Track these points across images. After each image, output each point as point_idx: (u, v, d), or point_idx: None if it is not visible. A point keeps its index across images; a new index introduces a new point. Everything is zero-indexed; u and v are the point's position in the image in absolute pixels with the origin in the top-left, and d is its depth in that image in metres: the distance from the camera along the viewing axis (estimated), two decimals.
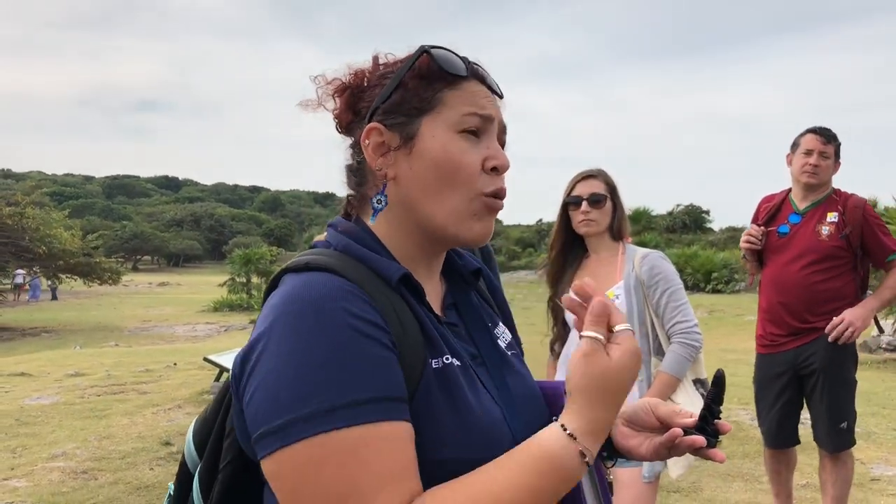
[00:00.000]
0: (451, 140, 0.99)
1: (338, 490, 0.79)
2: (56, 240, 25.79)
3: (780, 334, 3.71)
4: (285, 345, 0.84)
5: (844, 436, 3.57)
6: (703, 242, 37.58)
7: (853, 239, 3.53)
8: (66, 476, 5.06)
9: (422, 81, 1.00)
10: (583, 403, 0.88)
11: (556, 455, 0.85)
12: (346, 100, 1.04)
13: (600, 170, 2.96)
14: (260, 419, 0.83)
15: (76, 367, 10.35)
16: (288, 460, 0.80)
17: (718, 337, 13.63)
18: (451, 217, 1.00)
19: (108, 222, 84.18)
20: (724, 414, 4.11)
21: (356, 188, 1.06)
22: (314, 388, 0.81)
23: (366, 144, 1.00)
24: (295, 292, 0.88)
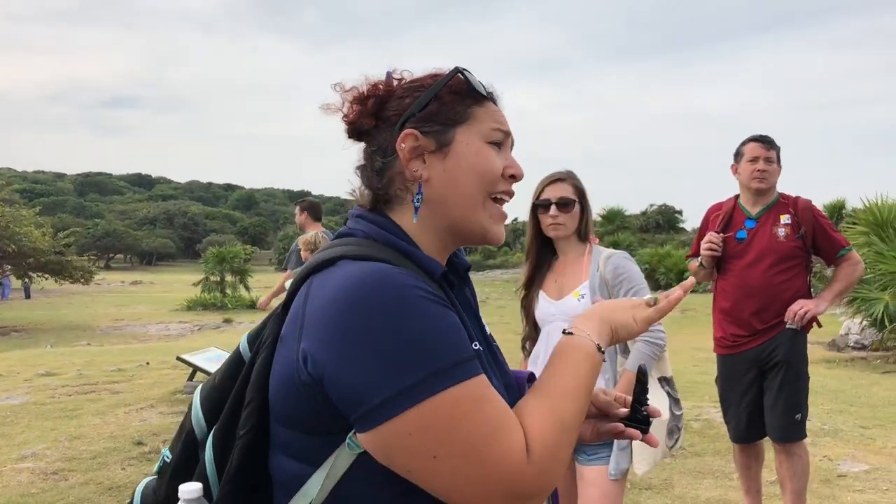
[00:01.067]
0: (482, 147, 1.15)
1: (482, 432, 0.94)
2: (26, 238, 25.38)
3: (743, 335, 3.84)
4: (379, 320, 0.94)
5: (797, 427, 3.71)
6: (676, 242, 37.86)
7: (807, 238, 3.74)
8: (36, 477, 5.01)
9: (456, 97, 1.15)
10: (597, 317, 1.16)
11: (591, 352, 1.10)
12: (372, 108, 1.16)
13: (569, 172, 2.99)
14: (371, 390, 0.93)
15: (47, 367, 10.23)
16: (429, 413, 0.92)
17: (690, 336, 13.74)
18: (482, 215, 1.16)
19: (79, 220, 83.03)
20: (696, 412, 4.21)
21: (383, 187, 1.16)
22: (428, 352, 0.94)
23: (402, 147, 1.12)
24: (369, 277, 0.99)
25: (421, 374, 0.93)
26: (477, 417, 0.94)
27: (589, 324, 1.14)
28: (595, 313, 1.17)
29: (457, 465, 0.94)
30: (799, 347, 3.74)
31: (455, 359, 0.96)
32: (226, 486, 1.07)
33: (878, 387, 8.41)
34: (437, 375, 0.93)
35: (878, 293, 10.22)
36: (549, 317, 2.96)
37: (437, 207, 1.15)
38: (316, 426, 1.01)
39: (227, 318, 22.64)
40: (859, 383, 8.57)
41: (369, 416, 0.94)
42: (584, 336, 1.11)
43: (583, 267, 2.93)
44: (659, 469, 5.12)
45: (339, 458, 1.00)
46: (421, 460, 0.95)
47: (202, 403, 1.17)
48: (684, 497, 4.63)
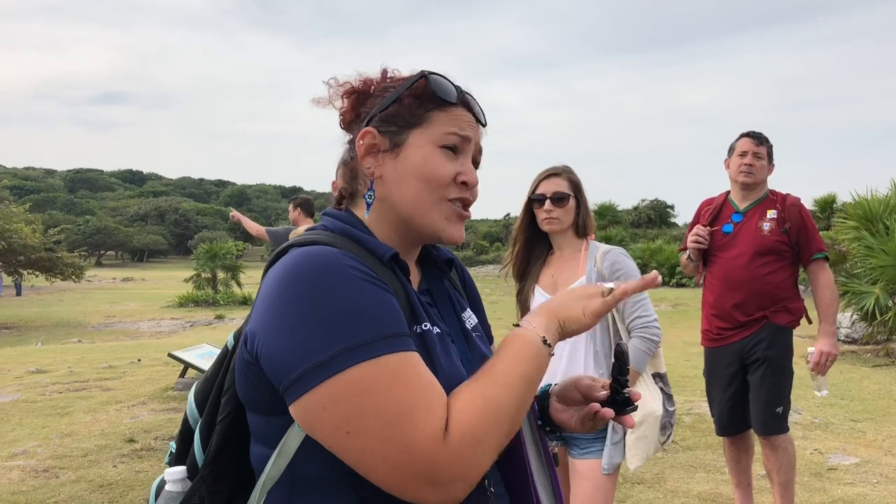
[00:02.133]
0: (432, 152, 1.16)
1: (393, 409, 0.94)
2: (17, 235, 25.27)
3: (727, 328, 3.88)
4: (304, 295, 0.98)
5: (778, 420, 3.75)
6: (668, 237, 37.97)
7: (792, 234, 3.77)
8: (27, 475, 4.98)
9: (416, 100, 1.17)
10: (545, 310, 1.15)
11: (534, 343, 1.08)
12: (352, 102, 1.22)
13: (565, 167, 2.99)
14: (292, 362, 0.96)
15: (38, 364, 10.19)
16: (344, 385, 0.93)
17: (682, 330, 13.79)
18: (424, 216, 1.17)
19: (70, 217, 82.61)
20: (687, 406, 4.21)
21: (348, 181, 1.23)
22: (348, 326, 0.96)
23: (359, 144, 1.17)
24: (304, 257, 1.02)
25: (338, 347, 0.94)
26: (390, 394, 0.94)
27: (537, 318, 1.13)
28: (545, 307, 1.16)
29: (369, 442, 0.94)
30: (782, 343, 3.77)
31: (376, 333, 0.97)
32: (204, 469, 1.13)
33: (869, 380, 8.45)
34: (353, 349, 0.95)
35: (869, 287, 10.26)
36: None
37: (389, 205, 1.18)
38: (268, 407, 1.05)
39: (219, 315, 22.58)
40: (850, 377, 8.61)
41: (291, 388, 0.97)
42: (531, 328, 1.11)
43: (579, 262, 2.93)
44: (651, 463, 5.13)
45: (290, 437, 1.04)
46: (336, 435, 0.96)
47: (195, 396, 1.23)
48: (676, 491, 4.64)
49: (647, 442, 2.78)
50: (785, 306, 3.77)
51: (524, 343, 1.08)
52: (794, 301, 3.81)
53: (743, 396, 3.86)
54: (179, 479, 1.15)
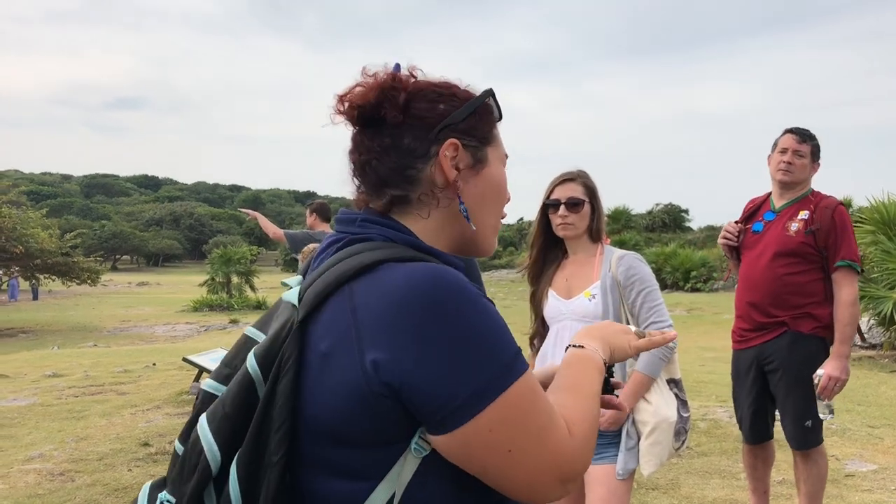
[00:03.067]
0: (502, 171, 1.22)
1: (543, 421, 1.00)
2: (33, 239, 25.48)
3: (748, 329, 3.79)
4: (452, 318, 0.97)
5: (809, 434, 3.62)
6: (682, 241, 37.80)
7: (819, 237, 3.57)
8: (43, 478, 5.02)
9: (488, 116, 1.19)
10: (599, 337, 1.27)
11: (601, 366, 1.21)
12: (404, 100, 1.12)
13: (580, 171, 2.98)
14: (453, 388, 0.95)
15: (54, 368, 10.27)
16: (505, 408, 0.97)
17: (697, 335, 13.74)
18: (491, 231, 1.23)
19: (86, 221, 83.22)
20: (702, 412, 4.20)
21: (402, 188, 1.14)
22: (497, 346, 0.98)
23: (444, 155, 1.12)
24: (432, 278, 1.00)
25: (494, 371, 0.97)
26: (537, 408, 1.00)
27: (595, 342, 1.24)
28: (598, 334, 1.27)
29: (527, 455, 0.99)
30: (804, 351, 3.61)
31: (514, 352, 1.00)
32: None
33: (886, 386, 8.37)
34: (506, 371, 0.98)
35: (886, 292, 10.17)
36: (558, 315, 2.96)
37: (456, 218, 1.17)
38: (378, 439, 0.99)
39: (234, 319, 22.68)
40: (867, 382, 8.53)
41: (452, 417, 0.96)
42: (595, 351, 1.21)
43: (594, 267, 2.92)
44: (665, 469, 5.10)
45: (406, 466, 0.99)
46: (498, 456, 0.98)
47: (215, 436, 1.04)
48: (691, 497, 4.61)
49: (662, 448, 2.77)
50: (808, 312, 3.60)
51: (595, 366, 1.20)
52: (821, 307, 3.60)
53: (763, 403, 3.77)
54: None
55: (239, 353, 1.13)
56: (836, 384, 3.51)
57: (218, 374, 1.15)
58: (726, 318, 16.65)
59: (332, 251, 1.13)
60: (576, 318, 2.87)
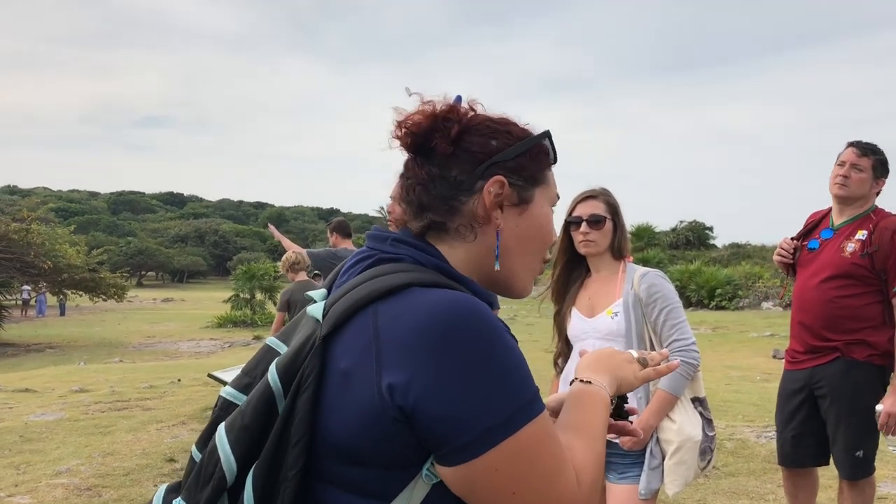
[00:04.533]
0: (549, 214, 1.21)
1: (552, 466, 0.99)
2: (61, 255, 25.84)
3: (800, 351, 3.63)
4: (474, 348, 0.96)
5: (860, 464, 3.47)
6: (707, 259, 37.49)
7: (877, 259, 3.39)
8: (70, 493, 5.06)
9: (540, 157, 1.18)
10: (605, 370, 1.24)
11: (607, 403, 1.18)
12: (455, 134, 1.13)
13: (602, 189, 2.98)
14: (468, 421, 0.94)
15: (80, 383, 10.37)
16: (514, 450, 0.95)
17: (722, 354, 13.59)
18: (527, 274, 1.20)
19: (113, 238, 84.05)
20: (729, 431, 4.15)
21: (442, 216, 1.14)
22: (517, 384, 0.97)
23: (489, 191, 1.12)
24: (458, 305, 0.99)
25: (508, 410, 0.96)
26: (549, 451, 0.99)
27: (601, 377, 1.21)
28: (604, 366, 1.25)
29: (531, 499, 0.98)
30: (857, 379, 3.43)
31: (531, 393, 0.99)
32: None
33: None
34: (520, 411, 0.96)
35: None
36: (581, 334, 2.94)
37: (490, 255, 1.16)
38: (391, 461, 0.99)
39: (257, 336, 22.77)
40: None
41: (459, 451, 0.95)
42: (602, 388, 1.19)
43: (616, 285, 2.90)
44: (693, 489, 5.05)
45: (416, 490, 1.00)
46: (501, 497, 0.97)
47: (233, 447, 1.05)
48: None
49: (687, 467, 2.74)
50: (863, 338, 3.41)
51: (602, 403, 1.17)
52: (877, 333, 3.40)
53: (808, 428, 3.60)
54: None
55: (259, 363, 1.13)
56: (892, 419, 3.32)
57: (238, 382, 1.15)
58: (752, 337, 16.50)
59: (360, 268, 1.13)
60: (599, 337, 2.86)
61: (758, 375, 10.64)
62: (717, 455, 2.88)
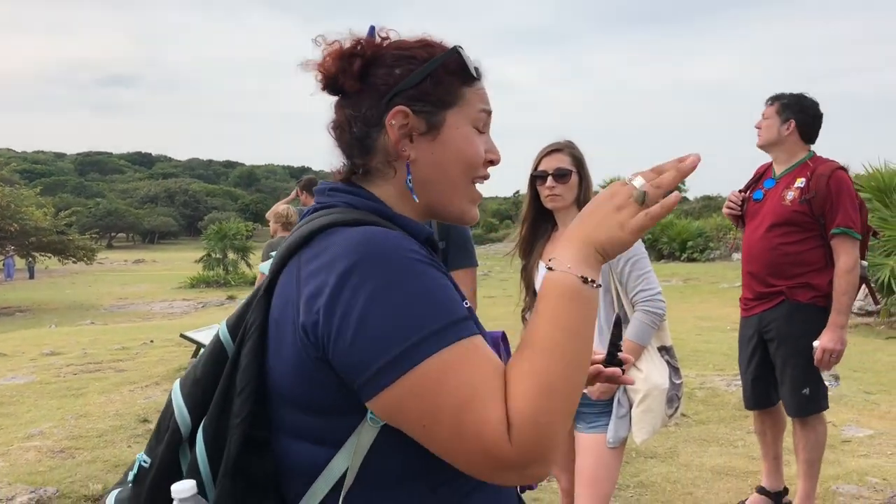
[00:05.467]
0: (470, 133, 1.12)
1: (461, 396, 0.90)
2: (28, 218, 25.43)
3: (750, 298, 3.80)
4: (380, 285, 0.93)
5: (806, 403, 3.61)
6: (679, 211, 37.78)
7: (815, 205, 3.50)
8: (43, 455, 5.03)
9: (450, 77, 1.11)
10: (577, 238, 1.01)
11: (574, 288, 0.97)
12: (358, 68, 1.09)
13: (567, 142, 2.95)
14: (367, 356, 0.91)
15: (51, 346, 10.26)
16: (419, 378, 0.90)
17: (693, 304, 13.75)
18: (460, 199, 1.14)
19: (81, 199, 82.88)
20: (699, 381, 4.20)
21: (362, 157, 1.13)
22: (422, 315, 0.92)
23: (391, 125, 1.08)
24: (364, 240, 0.97)
25: (414, 338, 0.91)
26: (464, 382, 0.91)
27: (569, 251, 0.99)
28: (575, 235, 1.01)
29: (443, 434, 0.92)
30: (802, 321, 3.57)
31: (448, 319, 0.94)
32: (224, 480, 1.01)
33: (882, 352, 8.42)
34: (427, 340, 0.91)
35: (883, 259, 10.18)
36: None
37: (419, 188, 1.12)
38: (331, 407, 0.99)
39: (231, 295, 22.68)
40: (863, 349, 8.57)
41: (369, 384, 0.93)
42: (565, 269, 0.98)
43: None
44: (664, 437, 5.13)
45: (363, 435, 0.99)
46: (416, 427, 0.94)
47: (185, 399, 1.09)
48: (689, 465, 4.64)
49: (654, 415, 2.76)
50: (806, 282, 3.55)
51: (563, 293, 0.97)
52: (819, 276, 3.54)
53: (765, 371, 3.77)
54: (191, 497, 1.01)
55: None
56: (830, 356, 3.47)
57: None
58: (723, 288, 16.70)
59: (304, 222, 1.14)
60: None
61: (728, 325, 10.78)
62: (685, 403, 2.92)
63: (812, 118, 3.71)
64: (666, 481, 4.37)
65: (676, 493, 4.19)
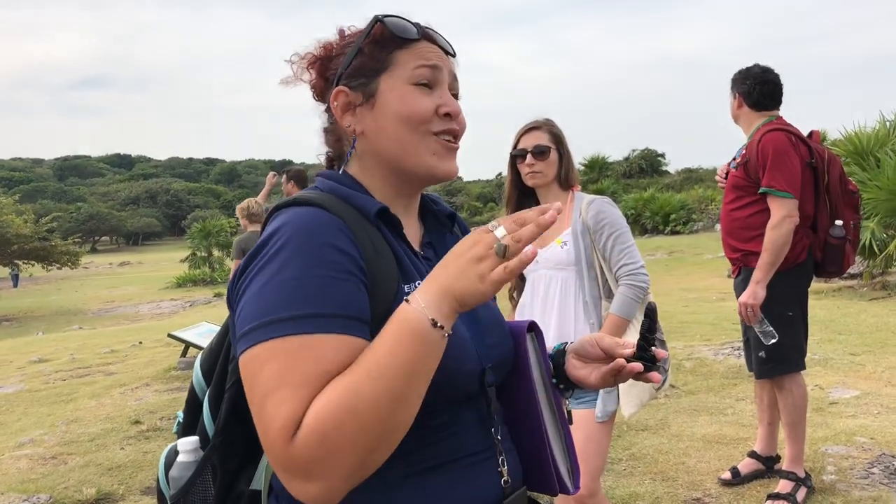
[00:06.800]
0: (406, 91, 1.14)
1: (269, 385, 0.93)
2: (7, 226, 25.22)
3: (731, 266, 3.93)
4: (268, 266, 0.99)
5: (763, 364, 3.69)
6: (660, 185, 37.90)
7: (750, 169, 3.60)
8: (35, 462, 5.01)
9: (376, 46, 1.15)
10: (437, 281, 0.97)
11: (420, 327, 0.93)
12: (318, 70, 1.21)
13: (546, 120, 2.95)
14: (239, 325, 0.99)
15: (39, 354, 10.21)
16: (249, 359, 0.95)
17: (678, 277, 13.84)
18: (414, 158, 1.15)
19: (62, 204, 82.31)
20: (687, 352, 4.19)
21: (333, 146, 1.24)
22: (278, 303, 0.96)
23: (334, 106, 1.17)
24: (285, 222, 1.03)
25: (259, 322, 0.96)
26: (271, 371, 0.93)
27: (427, 293, 0.96)
28: (434, 279, 0.97)
29: (254, 415, 0.96)
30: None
31: (296, 312, 0.95)
32: (216, 438, 1.13)
33: (866, 314, 8.50)
34: (261, 328, 0.96)
35: (863, 222, 10.27)
36: (533, 265, 2.95)
37: (378, 157, 1.18)
38: None
39: (218, 293, 22.61)
40: (847, 311, 8.65)
41: (235, 345, 1.01)
42: (418, 308, 0.94)
43: (565, 214, 2.90)
44: (654, 409, 5.17)
45: None
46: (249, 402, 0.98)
47: (201, 364, 1.24)
48: (681, 435, 4.68)
49: (641, 388, 2.78)
50: (754, 248, 3.60)
51: (407, 326, 0.94)
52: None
53: (747, 338, 3.86)
54: (192, 450, 1.16)
55: None
56: (745, 310, 3.55)
57: None
58: (707, 259, 16.82)
59: None
60: (549, 267, 2.87)
61: (714, 295, 10.86)
62: (674, 374, 2.94)
63: (756, 85, 3.74)
64: (658, 452, 4.41)
65: (669, 464, 4.23)
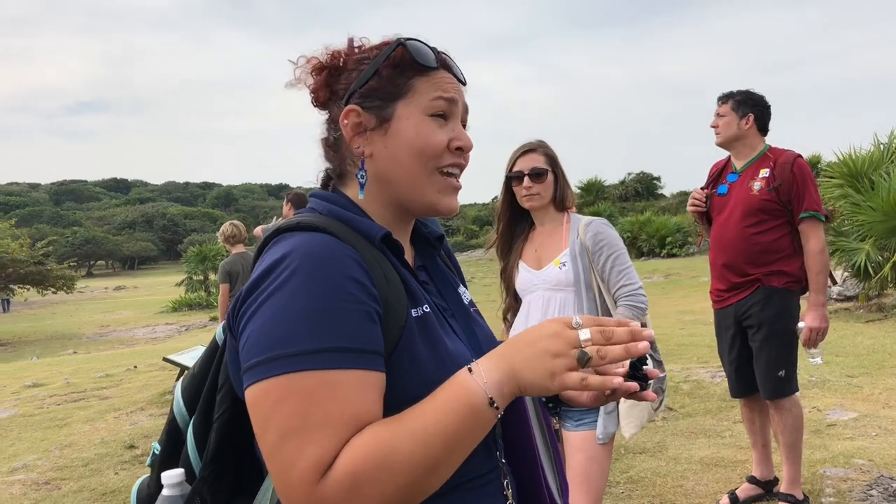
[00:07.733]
0: (423, 122, 1.11)
1: (289, 424, 0.89)
2: (3, 250, 25.18)
3: (724, 290, 3.87)
4: (281, 293, 0.94)
5: (781, 384, 3.70)
6: (656, 208, 38.03)
7: (782, 192, 3.64)
8: (28, 488, 4.97)
9: (396, 70, 1.11)
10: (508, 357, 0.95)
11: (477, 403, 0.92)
12: (324, 79, 1.15)
13: (540, 142, 2.97)
14: (248, 355, 0.94)
15: (34, 378, 10.14)
16: (261, 393, 0.91)
17: (676, 299, 13.84)
18: (419, 192, 1.12)
19: (57, 229, 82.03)
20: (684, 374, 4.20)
21: (334, 162, 1.18)
22: (293, 334, 0.91)
23: (344, 124, 1.12)
24: (294, 248, 0.98)
25: (273, 353, 0.92)
26: (292, 414, 0.89)
27: (494, 371, 0.94)
28: (506, 357, 0.95)
29: (264, 448, 0.92)
30: (777, 305, 3.68)
31: (316, 346, 0.91)
32: (204, 471, 1.09)
33: (863, 336, 8.49)
34: (275, 361, 0.91)
35: (858, 244, 10.28)
36: (530, 286, 2.95)
37: (382, 183, 1.14)
38: None
39: (214, 317, 22.53)
40: (844, 334, 8.65)
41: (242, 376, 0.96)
42: (480, 383, 0.92)
43: (562, 235, 2.91)
44: (651, 432, 5.15)
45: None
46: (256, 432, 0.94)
47: (182, 393, 1.18)
48: (678, 458, 4.66)
49: (640, 409, 2.78)
50: (779, 268, 3.67)
51: (465, 399, 0.92)
52: (790, 262, 3.68)
53: (746, 359, 3.84)
54: (177, 483, 1.09)
55: None
56: (817, 334, 3.64)
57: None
58: (704, 282, 16.80)
59: None
60: (547, 288, 2.87)
61: (710, 318, 10.85)
62: (671, 397, 2.93)
63: (764, 110, 3.87)
64: (656, 475, 4.38)
65: (667, 487, 4.20)
